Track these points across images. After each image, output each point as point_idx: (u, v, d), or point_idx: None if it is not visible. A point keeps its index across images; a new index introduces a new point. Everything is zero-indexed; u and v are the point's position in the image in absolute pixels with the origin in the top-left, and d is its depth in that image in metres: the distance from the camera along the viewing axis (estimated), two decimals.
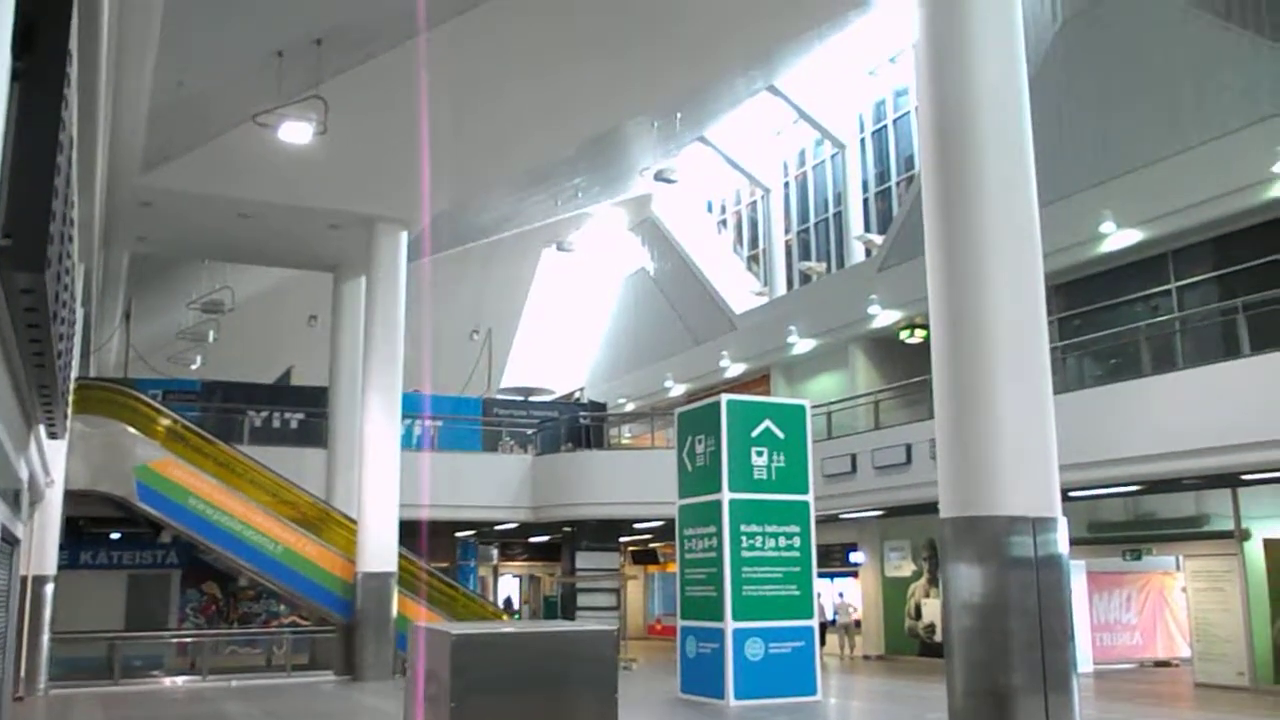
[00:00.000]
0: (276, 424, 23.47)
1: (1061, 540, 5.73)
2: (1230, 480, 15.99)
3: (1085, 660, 19.34)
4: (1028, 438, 5.86)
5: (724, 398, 15.58)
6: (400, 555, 18.99)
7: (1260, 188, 16.28)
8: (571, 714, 5.07)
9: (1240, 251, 17.46)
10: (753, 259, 32.31)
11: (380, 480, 18.83)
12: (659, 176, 27.52)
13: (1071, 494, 16.38)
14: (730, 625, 14.45)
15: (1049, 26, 20.13)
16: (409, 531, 19.19)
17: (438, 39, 14.95)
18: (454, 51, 15.25)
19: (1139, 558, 19.39)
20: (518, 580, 37.87)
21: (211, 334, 26.06)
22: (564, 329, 37.85)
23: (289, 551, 18.66)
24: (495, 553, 34.52)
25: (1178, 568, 19.48)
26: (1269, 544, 16.81)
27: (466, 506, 22.51)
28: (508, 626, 5.38)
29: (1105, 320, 19.59)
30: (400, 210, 19.49)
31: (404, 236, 20.01)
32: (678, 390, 31.93)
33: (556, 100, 17.55)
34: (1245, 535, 17.04)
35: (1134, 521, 18.97)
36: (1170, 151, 17.47)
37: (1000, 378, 5.90)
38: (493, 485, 22.63)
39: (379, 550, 18.59)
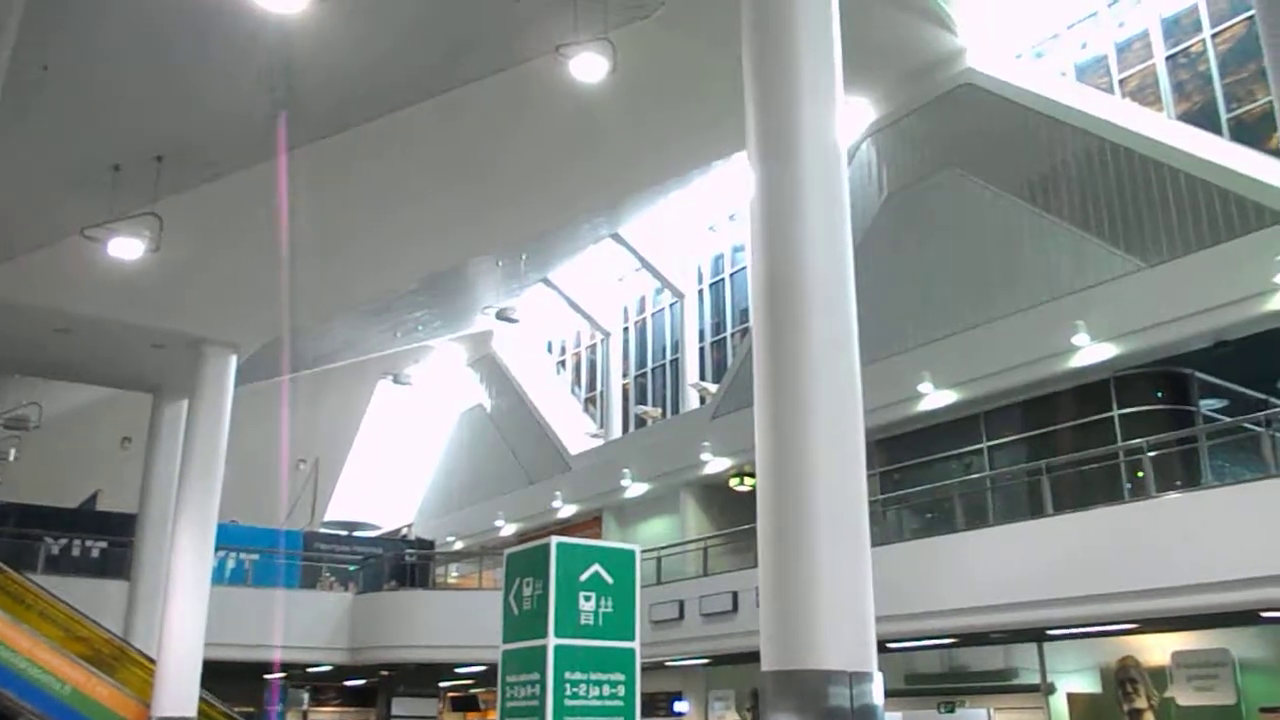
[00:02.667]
0: (76, 552, 21.93)
1: (876, 692, 5.86)
2: (1036, 635, 16.68)
3: None
4: (846, 591, 6.02)
5: (554, 540, 15.39)
6: (201, 699, 17.75)
7: (1061, 357, 17.51)
8: None
9: (1045, 415, 18.66)
10: (590, 401, 32.61)
11: (185, 616, 17.71)
12: (501, 315, 27.74)
13: (889, 645, 16.79)
14: None
15: (875, 198, 21.55)
16: (213, 672, 18.01)
17: (286, 165, 14.89)
18: (299, 179, 15.19)
19: (952, 710, 19.80)
20: None
21: (13, 452, 24.40)
22: (395, 463, 37.04)
23: (76, 693, 17.19)
24: (306, 697, 32.60)
25: None
26: (1072, 697, 17.48)
27: (279, 647, 21.34)
28: None
29: (924, 476, 20.47)
30: (230, 333, 18.95)
31: (233, 360, 19.40)
32: (509, 529, 31.48)
33: (401, 234, 17.61)
34: (1050, 689, 17.68)
35: (948, 674, 19.47)
36: (981, 320, 18.70)
37: (820, 530, 6.08)
38: (309, 624, 21.60)
39: (178, 693, 17.33)
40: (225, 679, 18.69)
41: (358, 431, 36.41)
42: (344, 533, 29.57)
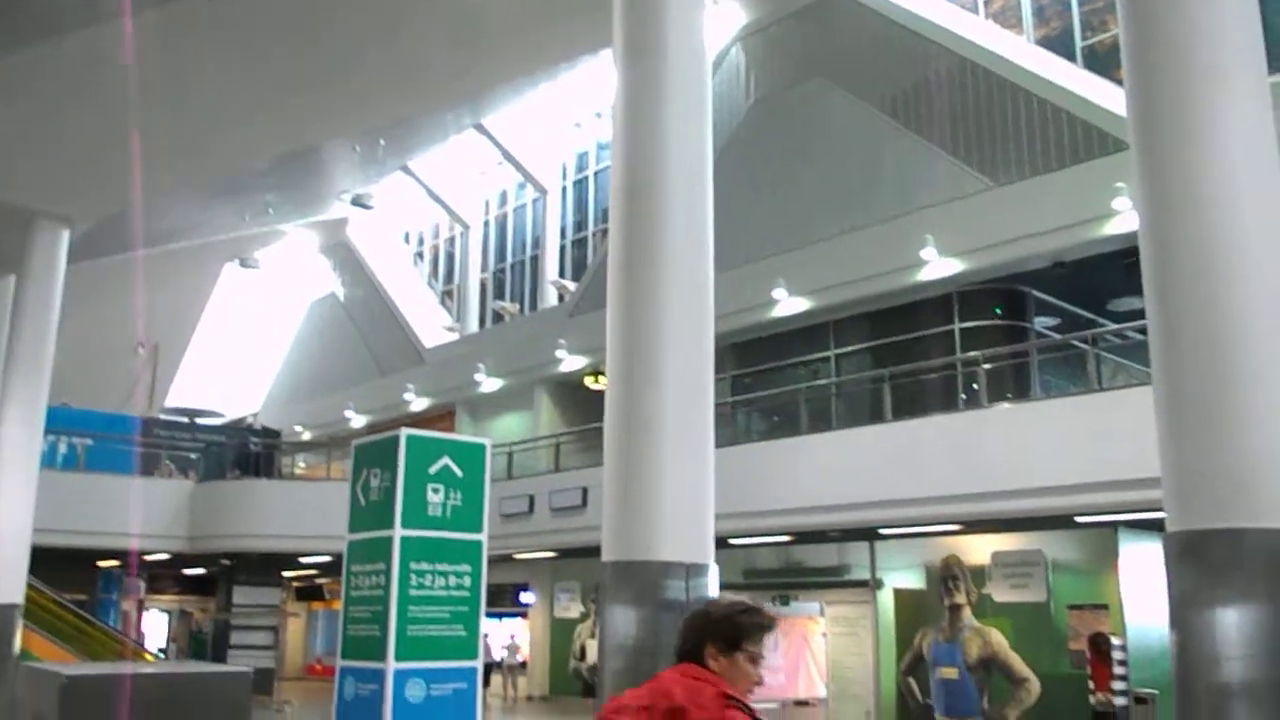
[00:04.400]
0: None
1: (712, 585, 6.04)
2: (868, 534, 17.50)
3: None
4: (687, 487, 6.15)
5: (404, 432, 15.31)
6: (29, 586, 17.12)
7: (910, 270, 18.05)
8: None
9: (890, 326, 19.30)
10: (447, 294, 32.13)
11: (11, 500, 16.93)
12: (356, 201, 26.91)
13: (730, 541, 17.36)
14: (391, 665, 14.04)
15: (741, 104, 21.55)
16: (43, 559, 17.37)
17: (129, 28, 13.89)
18: (144, 44, 14.21)
19: (787, 604, 20.71)
20: (167, 615, 35.11)
21: None
22: (241, 350, 35.89)
23: None
24: (142, 585, 31.84)
25: (821, 614, 20.98)
26: (898, 593, 18.48)
27: (114, 534, 20.68)
28: (130, 668, 4.93)
29: (773, 380, 21.00)
30: (63, 206, 17.82)
31: (65, 235, 18.29)
32: (359, 421, 31.04)
33: (252, 109, 16.74)
34: (879, 585, 18.64)
35: (785, 569, 20.29)
36: (837, 231, 19.07)
37: (666, 429, 6.17)
38: (145, 511, 20.93)
39: (4, 579, 16.65)
40: (56, 566, 18.06)
41: (201, 316, 35.05)
42: (185, 420, 28.63)
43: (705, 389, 6.47)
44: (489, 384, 27.06)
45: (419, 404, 29.33)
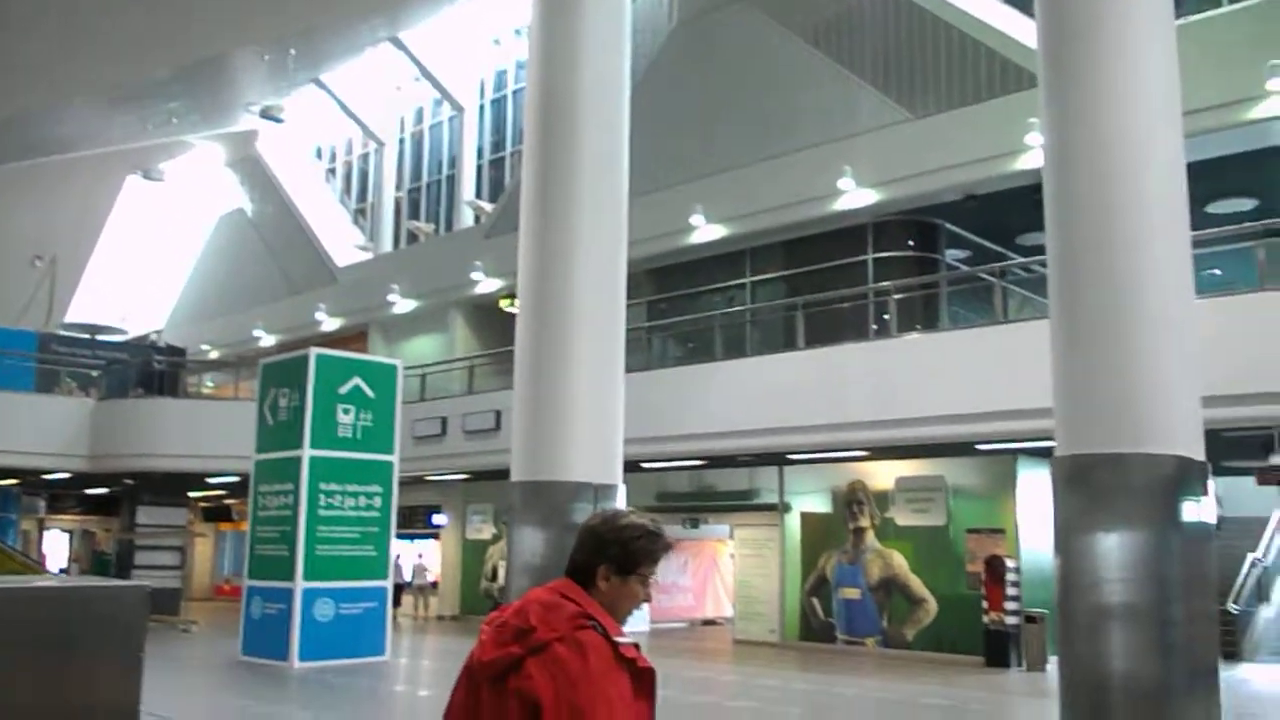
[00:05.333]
0: None
1: (619, 504, 6.10)
2: (777, 459, 17.83)
3: (644, 619, 20.80)
4: (598, 410, 6.17)
5: (313, 351, 15.08)
6: None
7: (827, 200, 18.17)
8: (88, 680, 4.64)
9: (806, 255, 19.47)
10: (360, 212, 31.45)
11: None
12: (265, 114, 26.06)
13: (643, 465, 17.54)
14: (300, 585, 14.06)
15: (664, 28, 21.26)
16: None
17: None
18: None
19: (697, 526, 21.12)
20: (68, 536, 34.40)
21: None
22: (145, 265, 34.78)
23: None
24: (42, 504, 31.12)
25: (730, 536, 21.42)
26: (805, 516, 18.92)
27: (10, 452, 20.07)
28: (11, 582, 4.78)
29: (689, 306, 21.09)
30: None
31: None
32: (268, 341, 30.44)
33: (153, 11, 16.03)
34: (786, 508, 19.06)
35: (696, 493, 20.61)
36: (757, 158, 19.06)
37: (577, 352, 6.16)
38: (44, 430, 20.36)
39: None
40: None
41: (103, 229, 33.82)
42: (86, 336, 27.74)
43: (618, 313, 6.47)
44: (403, 305, 26.71)
45: (331, 324, 28.84)
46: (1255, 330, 11.09)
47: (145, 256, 34.84)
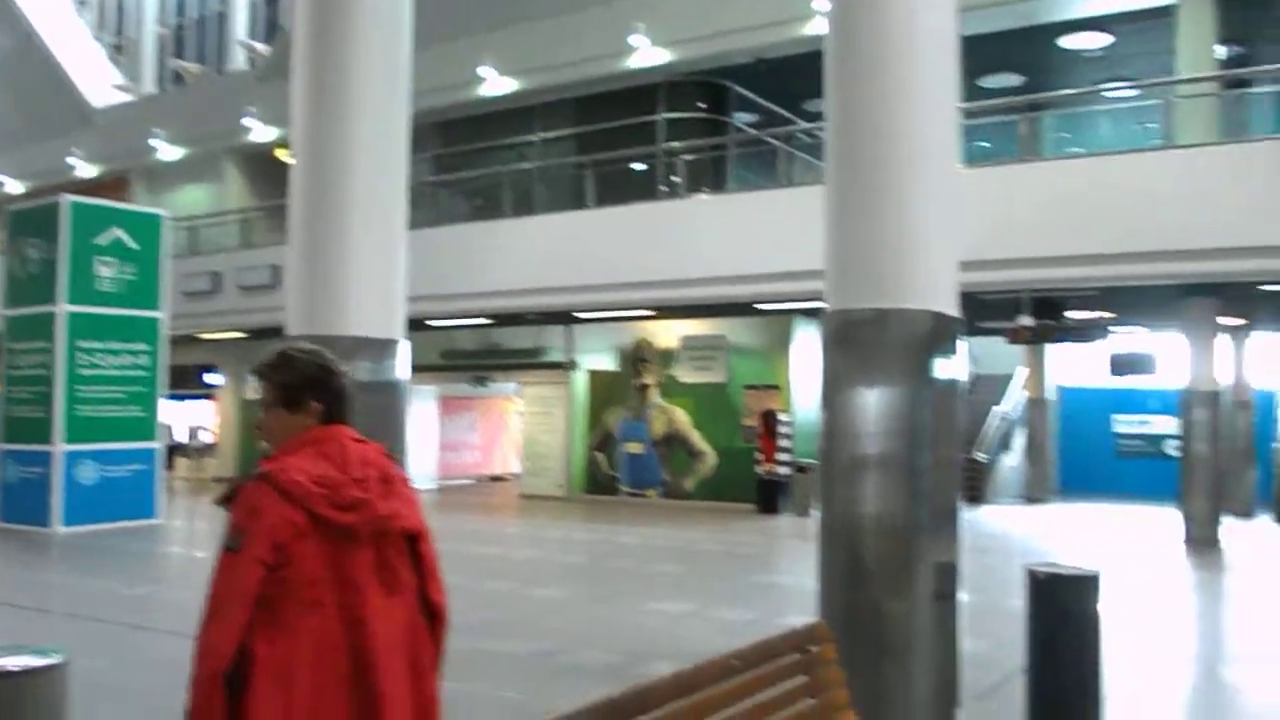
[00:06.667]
0: None
1: (401, 365, 6.00)
2: (565, 317, 17.95)
3: (431, 476, 20.89)
4: (379, 264, 5.98)
5: (65, 198, 13.92)
6: None
7: (619, 57, 17.93)
8: None
9: (597, 113, 19.26)
10: (118, 48, 28.80)
11: None
12: None
13: (429, 323, 17.31)
14: (60, 448, 13.29)
15: None
16: None
17: None
18: None
19: (484, 384, 21.17)
20: None
21: None
22: None
23: None
24: None
25: (518, 394, 21.59)
26: (592, 374, 19.25)
27: None
28: None
29: (477, 162, 20.61)
30: None
31: None
32: (15, 187, 27.87)
33: None
34: (574, 366, 19.32)
35: (483, 351, 20.57)
36: (549, 11, 18.49)
37: (356, 203, 5.91)
38: None
39: None
40: None
41: None
42: None
43: (400, 165, 6.22)
44: (169, 151, 24.91)
45: (87, 170, 26.64)
46: (1014, 199, 11.82)
47: None
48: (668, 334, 18.40)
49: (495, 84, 19.34)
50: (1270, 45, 15.11)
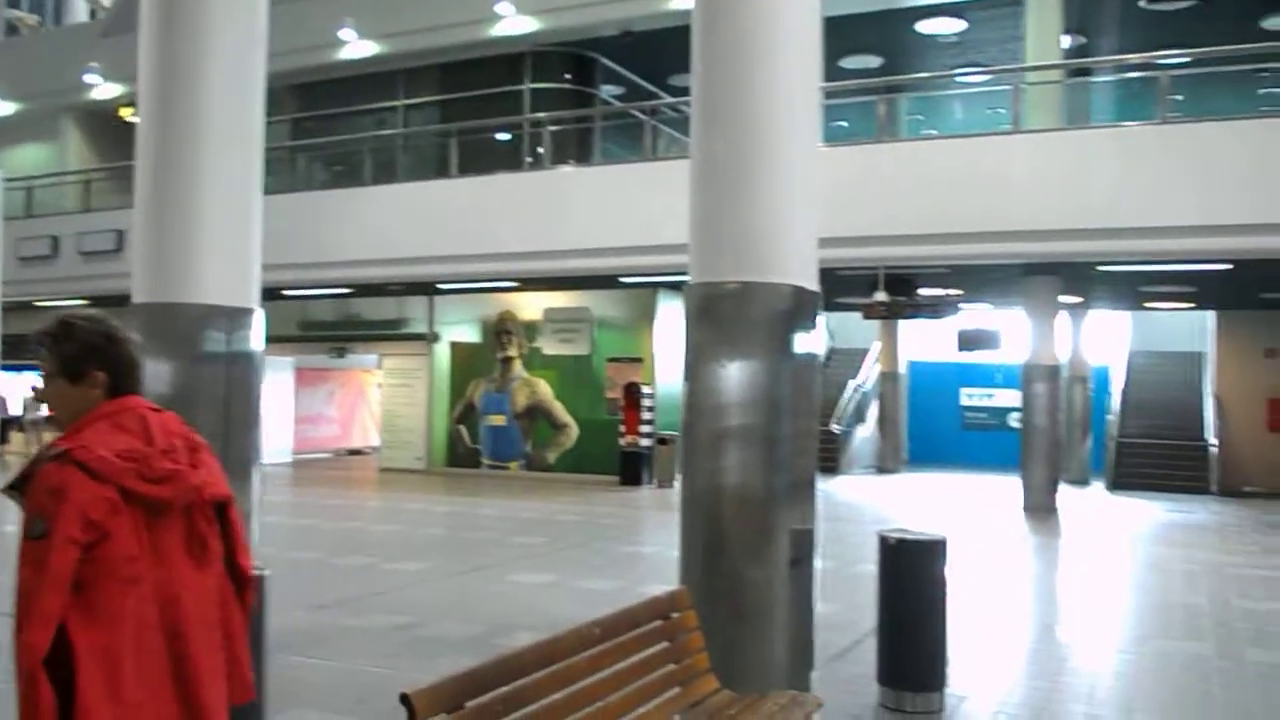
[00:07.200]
0: None
1: (255, 336, 5.81)
2: (427, 289, 17.68)
3: (287, 450, 20.35)
4: (231, 230, 5.76)
5: None
6: None
7: (485, 24, 17.63)
8: None
9: (462, 80, 18.92)
10: None
11: None
12: None
13: (285, 292, 16.82)
14: None
15: None
16: None
17: None
18: None
19: (343, 355, 20.69)
20: None
21: None
22: None
23: None
24: None
25: (378, 366, 21.19)
26: (455, 345, 19.04)
27: None
28: None
29: (338, 127, 20.03)
30: None
31: None
32: None
33: None
34: (436, 338, 19.07)
35: (342, 321, 20.11)
36: None
37: (207, 166, 5.68)
38: None
39: None
40: None
41: None
42: None
43: (254, 127, 5.99)
44: (1, 107, 23.43)
45: None
46: (871, 179, 12.15)
47: None
48: (532, 306, 18.32)
49: (356, 47, 18.80)
50: (1109, 37, 15.90)
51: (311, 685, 5.68)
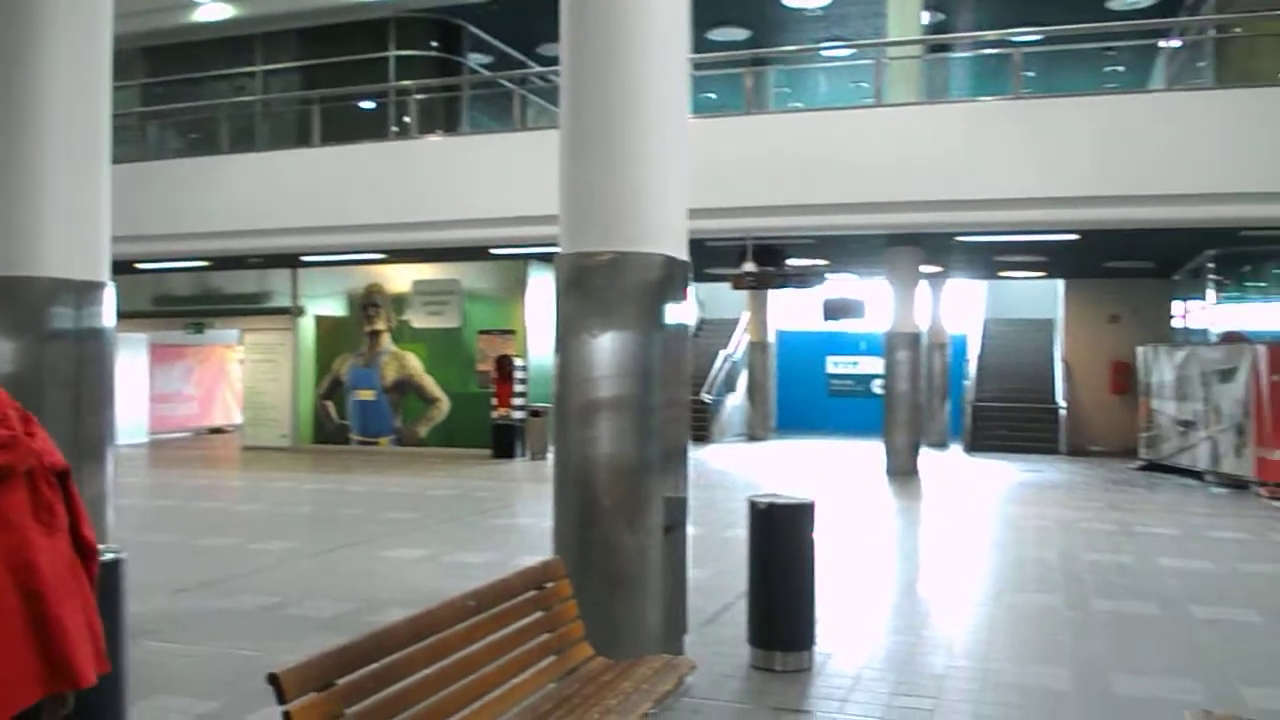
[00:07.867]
0: None
1: (107, 313, 5.57)
2: (290, 261, 17.19)
3: (143, 430, 19.59)
4: (77, 200, 5.50)
5: None
6: None
7: None
8: None
9: (324, 47, 18.35)
10: None
11: None
12: None
13: (139, 266, 16.14)
14: None
15: None
16: None
17: None
18: None
19: (202, 331, 19.95)
20: None
21: None
22: None
23: None
24: None
25: (239, 341, 20.53)
26: (320, 319, 18.58)
27: None
28: None
29: (192, 93, 19.22)
30: None
31: None
32: None
33: None
34: (300, 312, 18.57)
35: (200, 296, 19.41)
36: None
37: (50, 131, 5.40)
38: None
39: None
40: None
41: None
42: None
43: (101, 90, 5.72)
44: None
45: None
46: (739, 150, 12.28)
47: None
48: (400, 278, 18.01)
49: (210, 9, 18.04)
50: (967, 14, 16.40)
51: (174, 671, 5.51)
